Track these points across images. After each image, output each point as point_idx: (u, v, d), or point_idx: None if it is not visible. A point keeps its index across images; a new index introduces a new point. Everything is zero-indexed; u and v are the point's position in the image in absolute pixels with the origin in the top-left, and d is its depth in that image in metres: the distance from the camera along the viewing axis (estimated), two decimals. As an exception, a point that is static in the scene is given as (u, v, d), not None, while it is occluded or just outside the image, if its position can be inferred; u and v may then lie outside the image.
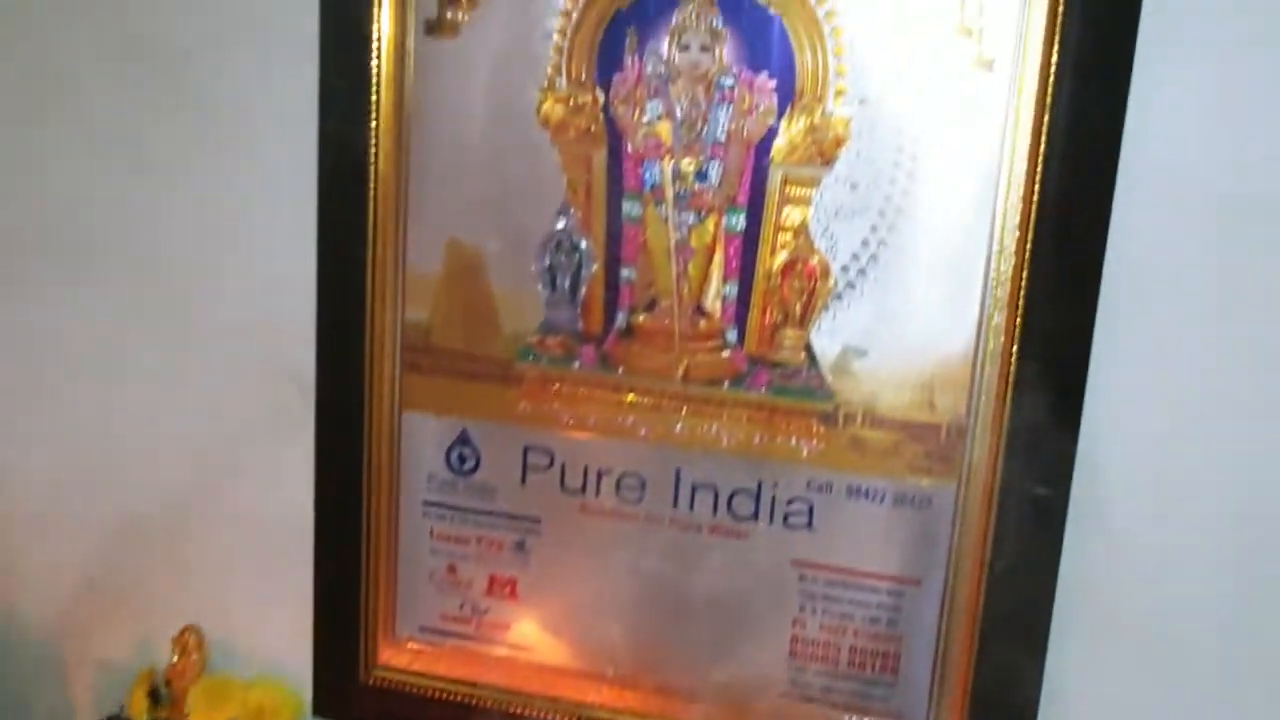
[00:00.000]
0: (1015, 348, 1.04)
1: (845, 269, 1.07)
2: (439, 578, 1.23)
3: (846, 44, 1.03)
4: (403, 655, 1.25)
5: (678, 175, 1.08)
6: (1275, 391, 1.03)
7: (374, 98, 1.12)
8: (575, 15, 1.08)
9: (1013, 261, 1.03)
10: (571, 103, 1.09)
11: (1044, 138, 1.00)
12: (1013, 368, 1.04)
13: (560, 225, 1.11)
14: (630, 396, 1.13)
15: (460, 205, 1.13)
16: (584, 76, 1.08)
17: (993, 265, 1.04)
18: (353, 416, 1.19)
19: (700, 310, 1.11)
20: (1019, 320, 1.03)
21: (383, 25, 1.11)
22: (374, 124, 1.12)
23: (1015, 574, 1.07)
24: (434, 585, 1.23)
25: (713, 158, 1.07)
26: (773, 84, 1.05)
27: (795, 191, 1.07)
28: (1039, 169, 1.00)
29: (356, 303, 1.16)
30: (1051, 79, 0.99)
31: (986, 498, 1.07)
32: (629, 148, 1.09)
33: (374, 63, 1.11)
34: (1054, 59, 0.99)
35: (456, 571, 1.22)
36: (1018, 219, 1.02)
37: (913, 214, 1.04)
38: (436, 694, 1.23)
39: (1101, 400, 1.04)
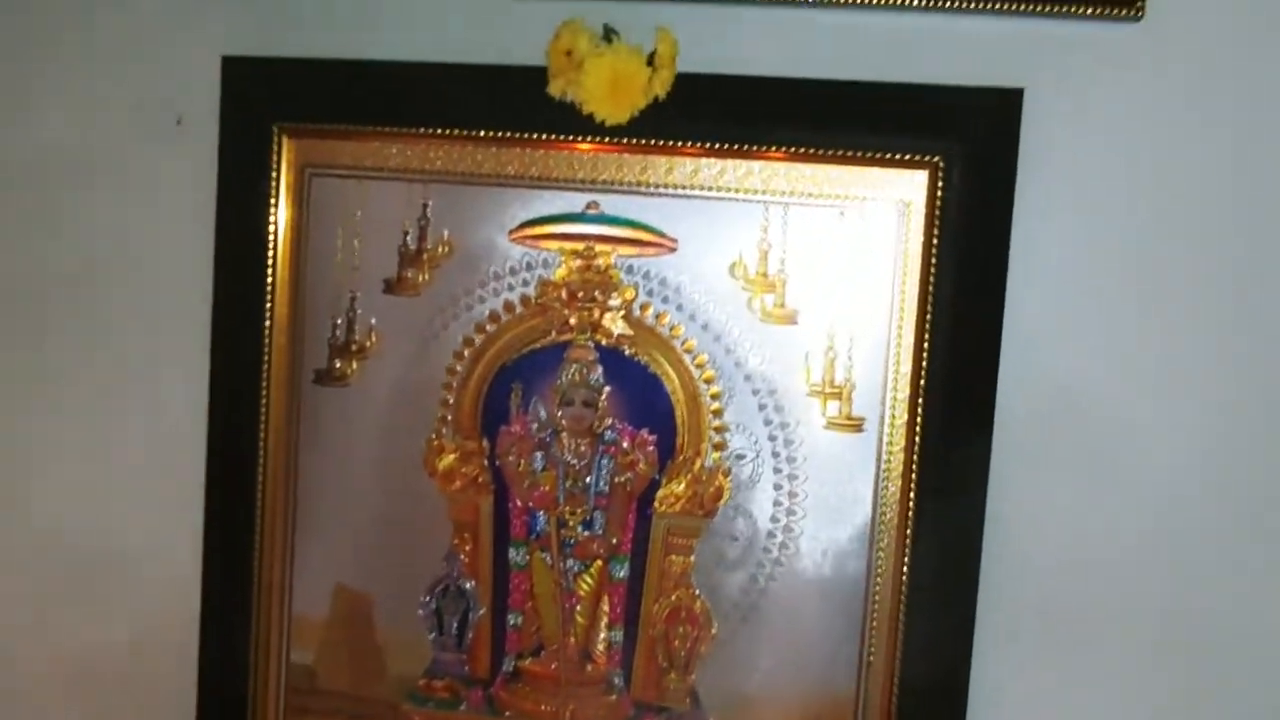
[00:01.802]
0: (894, 691, 1.06)
1: (728, 616, 1.09)
2: None
3: (724, 402, 1.07)
4: None
5: (563, 524, 1.10)
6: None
7: (261, 444, 1.13)
8: (462, 370, 1.11)
9: (889, 608, 1.06)
10: (458, 453, 1.11)
11: (914, 494, 1.04)
12: (893, 712, 1.06)
13: (447, 570, 1.12)
14: (518, 741, 1.13)
15: (348, 550, 1.14)
16: (471, 428, 1.11)
17: (871, 612, 1.06)
18: (235, 758, 1.17)
19: (587, 655, 1.11)
20: (897, 664, 1.06)
21: (272, 373, 1.13)
22: (261, 471, 1.13)
23: None
24: None
25: (597, 508, 1.10)
26: (653, 438, 1.09)
27: (678, 541, 1.09)
28: (910, 523, 1.04)
29: (241, 647, 1.15)
30: (919, 437, 1.04)
31: (873, 843, 1.07)
32: (515, 497, 1.11)
33: (263, 411, 1.13)
34: (919, 419, 1.04)
35: None
36: (891, 569, 1.05)
37: (793, 565, 1.07)
38: None
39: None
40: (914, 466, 1.04)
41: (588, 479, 1.09)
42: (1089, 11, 1.01)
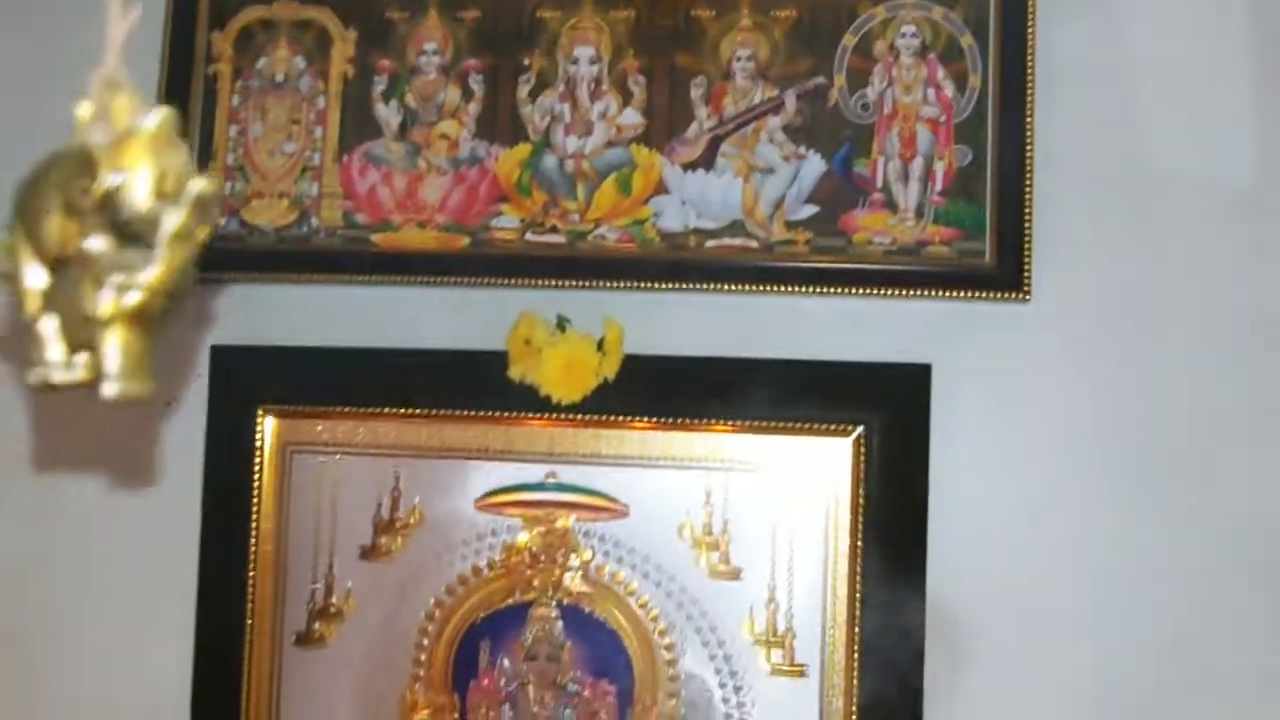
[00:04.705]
0: None
1: None
2: None
3: (678, 653, 1.17)
4: None
5: (532, 774, 1.18)
6: None
7: (244, 703, 1.21)
8: (433, 630, 1.20)
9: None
10: (431, 708, 1.19)
11: (854, 729, 1.14)
12: None
13: (423, 825, 1.19)
14: None
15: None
16: (442, 684, 1.19)
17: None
18: None
19: None
20: None
21: (255, 636, 1.21)
22: (244, 739, 1.21)
23: None
24: None
25: (564, 758, 1.18)
26: (613, 689, 1.17)
27: (639, 787, 1.17)
28: (853, 761, 1.13)
29: None
30: (856, 679, 1.14)
31: None
32: (487, 751, 1.19)
33: (246, 672, 1.21)
34: (856, 662, 1.14)
35: None
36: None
37: (746, 804, 1.15)
38: None
39: None
40: (854, 708, 1.13)
41: (552, 733, 1.18)
42: (984, 295, 1.15)
